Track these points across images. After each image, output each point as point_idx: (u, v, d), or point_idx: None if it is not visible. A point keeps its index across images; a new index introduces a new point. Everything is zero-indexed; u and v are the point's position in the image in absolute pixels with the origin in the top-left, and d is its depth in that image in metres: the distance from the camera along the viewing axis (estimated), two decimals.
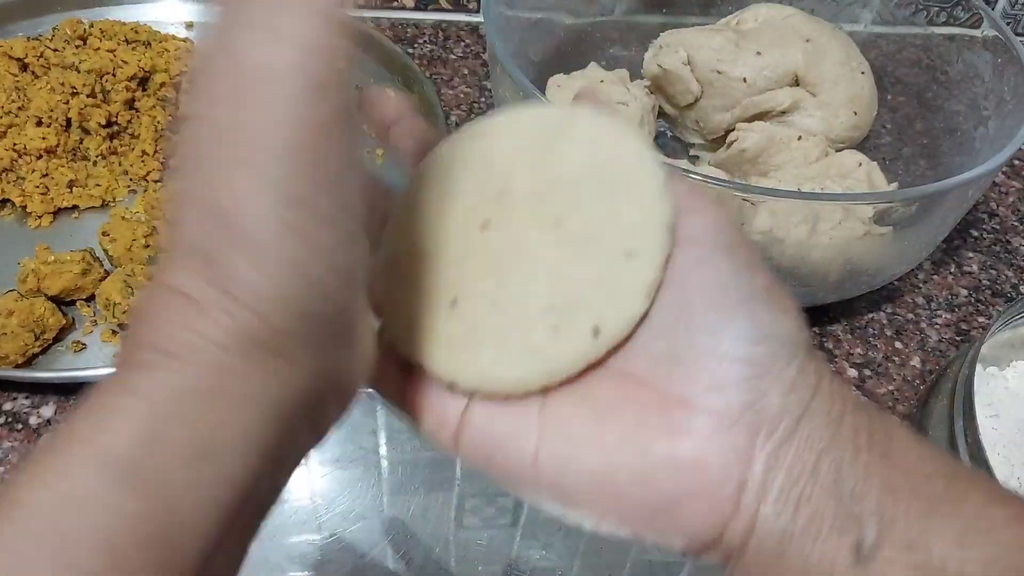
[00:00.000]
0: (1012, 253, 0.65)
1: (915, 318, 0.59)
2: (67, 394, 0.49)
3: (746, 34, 0.63)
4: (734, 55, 0.61)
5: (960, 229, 0.66)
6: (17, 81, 0.62)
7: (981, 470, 0.37)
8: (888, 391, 0.54)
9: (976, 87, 0.60)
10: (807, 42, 0.62)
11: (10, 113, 0.59)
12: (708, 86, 0.62)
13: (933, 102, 0.64)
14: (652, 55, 0.65)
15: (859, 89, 0.62)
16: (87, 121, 0.60)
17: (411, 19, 0.81)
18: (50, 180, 0.58)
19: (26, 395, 0.49)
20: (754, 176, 0.59)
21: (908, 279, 0.62)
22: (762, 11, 0.65)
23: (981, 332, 0.56)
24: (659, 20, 0.70)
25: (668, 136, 0.68)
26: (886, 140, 0.67)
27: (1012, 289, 0.62)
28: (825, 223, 0.50)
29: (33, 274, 0.51)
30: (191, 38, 0.70)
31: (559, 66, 0.65)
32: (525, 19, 0.65)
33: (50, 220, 0.58)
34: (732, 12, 0.68)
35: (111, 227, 0.53)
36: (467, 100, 0.72)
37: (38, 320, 0.49)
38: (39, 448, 0.19)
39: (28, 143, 0.58)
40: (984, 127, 0.58)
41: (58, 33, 0.65)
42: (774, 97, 0.61)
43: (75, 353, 0.51)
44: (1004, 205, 0.69)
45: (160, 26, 0.71)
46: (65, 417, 0.48)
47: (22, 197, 0.58)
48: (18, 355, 0.48)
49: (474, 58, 0.77)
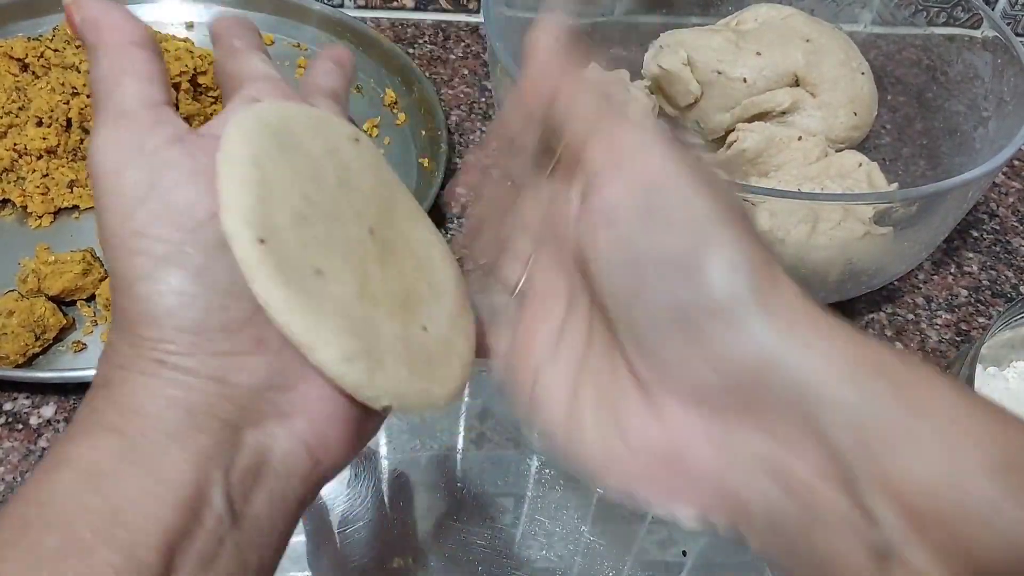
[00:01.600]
0: (1012, 253, 0.65)
1: (915, 318, 0.59)
2: (67, 394, 0.49)
3: (746, 34, 0.63)
4: (734, 55, 0.61)
5: (960, 229, 0.66)
6: (17, 81, 0.62)
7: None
8: None
9: (976, 87, 0.60)
10: (807, 42, 0.62)
11: (10, 113, 0.59)
12: (708, 86, 0.62)
13: (933, 102, 0.64)
14: (652, 55, 0.65)
15: (859, 89, 0.62)
16: (87, 121, 0.60)
17: (411, 19, 0.81)
18: (50, 180, 0.58)
19: (26, 395, 0.49)
20: (754, 176, 0.59)
21: (908, 279, 0.62)
22: (762, 11, 0.65)
23: (981, 332, 0.56)
24: (659, 20, 0.70)
25: None
26: (886, 140, 0.67)
27: (1012, 289, 0.62)
28: (825, 223, 0.50)
29: (33, 274, 0.51)
30: (191, 38, 0.70)
31: None
32: (525, 19, 0.65)
33: (50, 220, 0.58)
34: (732, 12, 0.68)
35: None
36: (467, 100, 0.72)
37: (38, 320, 0.49)
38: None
39: (28, 143, 0.58)
40: (984, 127, 0.58)
41: (58, 33, 0.65)
42: (774, 97, 0.61)
43: (75, 353, 0.51)
44: (1004, 205, 0.69)
45: (160, 26, 0.71)
46: (65, 417, 0.48)
47: (22, 197, 0.58)
48: (18, 355, 0.48)
49: (474, 58, 0.77)
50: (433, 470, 0.47)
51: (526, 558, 0.43)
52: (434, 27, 0.80)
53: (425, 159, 0.64)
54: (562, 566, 0.43)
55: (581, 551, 0.44)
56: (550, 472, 0.47)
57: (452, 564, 0.43)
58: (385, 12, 0.81)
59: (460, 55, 0.77)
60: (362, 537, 0.43)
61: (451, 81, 0.74)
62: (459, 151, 0.68)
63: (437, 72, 0.75)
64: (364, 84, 0.71)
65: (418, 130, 0.67)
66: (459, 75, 0.75)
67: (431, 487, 0.46)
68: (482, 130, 0.70)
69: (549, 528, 0.44)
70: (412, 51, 0.77)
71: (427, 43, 0.78)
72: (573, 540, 0.44)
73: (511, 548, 0.44)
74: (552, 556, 0.43)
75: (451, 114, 0.71)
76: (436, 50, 0.78)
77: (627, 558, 0.44)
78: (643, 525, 0.45)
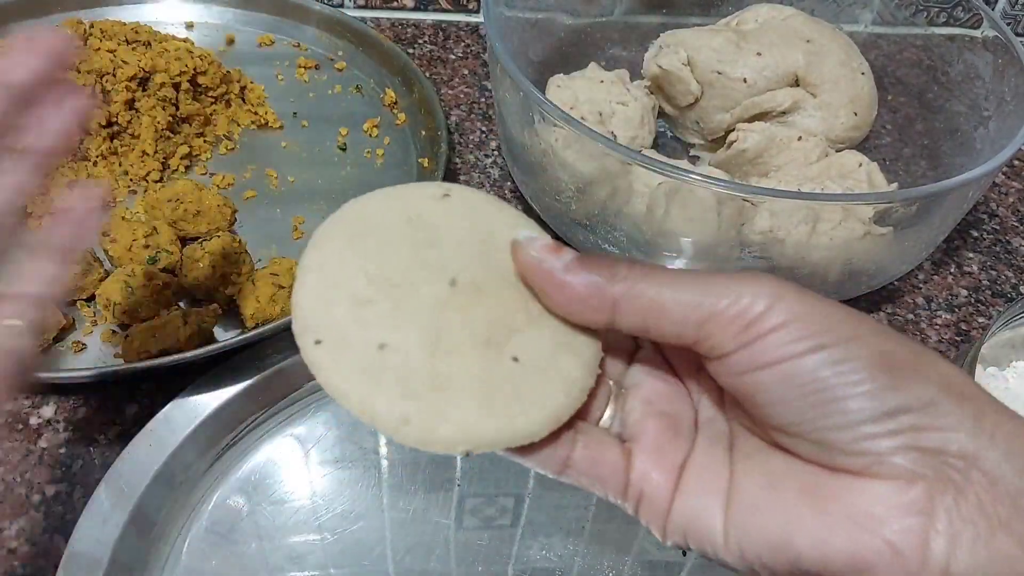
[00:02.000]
0: (1012, 253, 0.65)
1: (915, 318, 0.59)
2: (67, 394, 0.49)
3: (746, 35, 0.63)
4: (734, 56, 0.61)
5: (960, 229, 0.66)
6: None
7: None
8: None
9: (976, 87, 0.60)
10: (807, 43, 0.62)
11: None
12: (708, 87, 0.62)
13: (933, 103, 0.64)
14: (652, 55, 0.65)
15: (859, 89, 0.62)
16: (87, 121, 0.60)
17: (411, 19, 0.81)
18: (50, 180, 0.58)
19: (26, 395, 0.49)
20: (754, 176, 0.59)
21: (908, 279, 0.62)
22: (762, 12, 0.65)
23: (981, 332, 0.56)
24: (659, 20, 0.70)
25: (668, 136, 0.68)
26: (886, 140, 0.67)
27: (1012, 289, 0.62)
28: (825, 223, 0.50)
29: None
30: (191, 38, 0.70)
31: (559, 66, 0.65)
32: (525, 19, 0.65)
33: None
34: (732, 12, 0.68)
35: (111, 227, 0.53)
36: (467, 100, 0.72)
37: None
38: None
39: None
40: (984, 127, 0.58)
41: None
42: (774, 97, 0.61)
43: (75, 353, 0.51)
44: (1004, 205, 0.69)
45: (160, 26, 0.71)
46: (65, 417, 0.48)
47: None
48: None
49: (474, 58, 0.77)
50: (433, 470, 0.47)
51: (526, 558, 0.43)
52: (434, 27, 0.80)
53: (425, 159, 0.64)
54: (562, 566, 0.43)
55: (581, 551, 0.44)
56: None
57: (452, 564, 0.43)
58: (385, 12, 0.81)
59: (460, 55, 0.77)
60: (362, 537, 0.43)
61: (451, 81, 0.74)
62: (459, 151, 0.68)
63: (437, 72, 0.75)
64: (364, 84, 0.71)
65: (418, 130, 0.67)
66: (459, 75, 0.75)
67: (431, 487, 0.46)
68: (482, 130, 0.70)
69: (549, 528, 0.44)
70: (412, 51, 0.77)
71: (427, 43, 0.78)
72: (573, 540, 0.44)
73: (511, 548, 0.43)
74: (552, 556, 0.43)
75: (451, 114, 0.71)
76: (436, 50, 0.78)
77: (627, 558, 0.44)
78: (643, 525, 0.45)
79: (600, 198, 0.52)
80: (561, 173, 0.53)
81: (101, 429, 0.48)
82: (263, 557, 0.42)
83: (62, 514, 0.44)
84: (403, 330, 0.26)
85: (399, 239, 0.28)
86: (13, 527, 0.43)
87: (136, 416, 0.48)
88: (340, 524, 0.44)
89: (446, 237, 0.29)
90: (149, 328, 0.48)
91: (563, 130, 0.50)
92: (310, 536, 0.43)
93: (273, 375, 0.49)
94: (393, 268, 0.27)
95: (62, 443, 0.47)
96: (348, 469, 0.46)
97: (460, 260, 0.28)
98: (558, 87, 0.61)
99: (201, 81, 0.65)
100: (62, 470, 0.46)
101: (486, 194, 0.31)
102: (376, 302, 0.26)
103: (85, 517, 0.42)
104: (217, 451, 0.46)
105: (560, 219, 0.57)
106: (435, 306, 0.27)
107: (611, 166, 0.50)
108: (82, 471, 0.46)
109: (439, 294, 0.27)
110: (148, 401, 0.49)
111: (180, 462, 0.45)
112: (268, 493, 0.45)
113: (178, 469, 0.45)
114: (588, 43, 0.69)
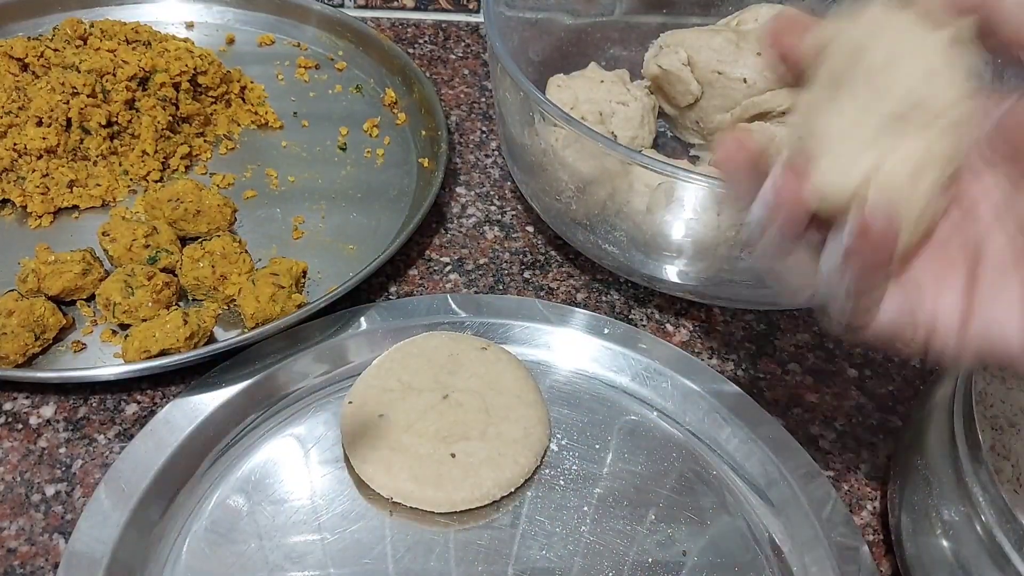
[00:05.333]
0: None
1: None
2: (67, 394, 0.49)
3: (746, 35, 0.63)
4: (734, 56, 0.61)
5: None
6: (17, 81, 0.62)
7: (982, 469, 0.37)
8: (888, 391, 0.54)
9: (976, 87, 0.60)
10: None
11: (10, 113, 0.59)
12: (708, 87, 0.62)
13: None
14: (652, 55, 0.65)
15: None
16: (87, 121, 0.60)
17: (411, 19, 0.81)
18: (50, 180, 0.58)
19: (26, 395, 0.49)
20: None
21: None
22: (762, 11, 0.65)
23: None
24: (659, 20, 0.70)
25: (668, 136, 0.68)
26: None
27: None
28: None
29: (33, 274, 0.51)
30: (191, 38, 0.70)
31: (559, 66, 0.65)
32: (525, 19, 0.65)
33: (50, 220, 0.58)
34: (732, 12, 0.68)
35: (111, 227, 0.53)
36: (467, 100, 0.72)
37: (38, 320, 0.49)
38: None
39: (28, 143, 0.58)
40: None
41: (58, 33, 0.65)
42: (774, 98, 0.61)
43: (75, 353, 0.51)
44: None
45: (160, 26, 0.71)
46: (64, 417, 0.48)
47: (22, 197, 0.58)
48: (18, 355, 0.48)
49: (474, 58, 0.77)
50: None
51: (526, 558, 0.43)
52: (434, 27, 0.80)
53: (425, 159, 0.64)
54: (562, 566, 0.43)
55: (581, 551, 0.44)
56: (550, 472, 0.47)
57: (452, 564, 0.43)
58: (385, 12, 0.81)
59: (460, 55, 0.77)
60: (362, 537, 0.43)
61: (451, 81, 0.74)
62: (459, 151, 0.68)
63: (437, 72, 0.75)
64: (364, 84, 0.71)
65: (418, 130, 0.67)
66: (459, 75, 0.75)
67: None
68: (482, 130, 0.70)
69: (549, 528, 0.44)
70: (412, 51, 0.77)
71: (427, 43, 0.78)
72: (573, 540, 0.44)
73: (511, 548, 0.44)
74: (552, 556, 0.43)
75: (451, 114, 0.71)
76: (436, 50, 0.78)
77: (627, 558, 0.44)
78: (643, 525, 0.45)
79: (600, 198, 0.52)
80: (561, 173, 0.53)
81: (101, 429, 0.48)
82: (263, 556, 0.42)
83: (62, 514, 0.44)
84: (397, 412, 0.46)
85: (433, 364, 0.49)
86: (13, 527, 0.43)
87: (136, 416, 0.48)
88: (340, 524, 0.44)
89: (463, 371, 0.48)
90: (149, 328, 0.48)
91: (563, 130, 0.50)
92: (310, 536, 0.43)
93: (273, 375, 0.49)
94: (415, 378, 0.48)
95: (62, 443, 0.47)
96: (348, 469, 0.46)
97: (461, 387, 0.48)
98: (558, 87, 0.61)
99: (201, 81, 0.65)
100: (62, 470, 0.46)
101: (513, 356, 0.50)
102: (393, 392, 0.48)
103: (85, 517, 0.42)
104: (217, 451, 0.46)
105: (560, 219, 0.57)
106: (425, 407, 0.47)
107: (611, 166, 0.50)
108: (82, 471, 0.46)
109: (432, 401, 0.47)
110: (148, 401, 0.49)
111: (180, 462, 0.45)
112: (268, 493, 0.45)
113: (178, 469, 0.45)
114: (588, 43, 0.69)
